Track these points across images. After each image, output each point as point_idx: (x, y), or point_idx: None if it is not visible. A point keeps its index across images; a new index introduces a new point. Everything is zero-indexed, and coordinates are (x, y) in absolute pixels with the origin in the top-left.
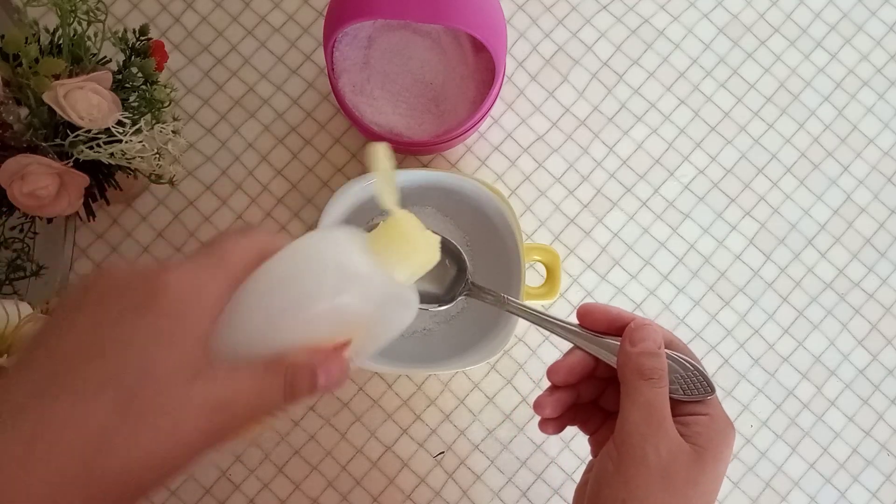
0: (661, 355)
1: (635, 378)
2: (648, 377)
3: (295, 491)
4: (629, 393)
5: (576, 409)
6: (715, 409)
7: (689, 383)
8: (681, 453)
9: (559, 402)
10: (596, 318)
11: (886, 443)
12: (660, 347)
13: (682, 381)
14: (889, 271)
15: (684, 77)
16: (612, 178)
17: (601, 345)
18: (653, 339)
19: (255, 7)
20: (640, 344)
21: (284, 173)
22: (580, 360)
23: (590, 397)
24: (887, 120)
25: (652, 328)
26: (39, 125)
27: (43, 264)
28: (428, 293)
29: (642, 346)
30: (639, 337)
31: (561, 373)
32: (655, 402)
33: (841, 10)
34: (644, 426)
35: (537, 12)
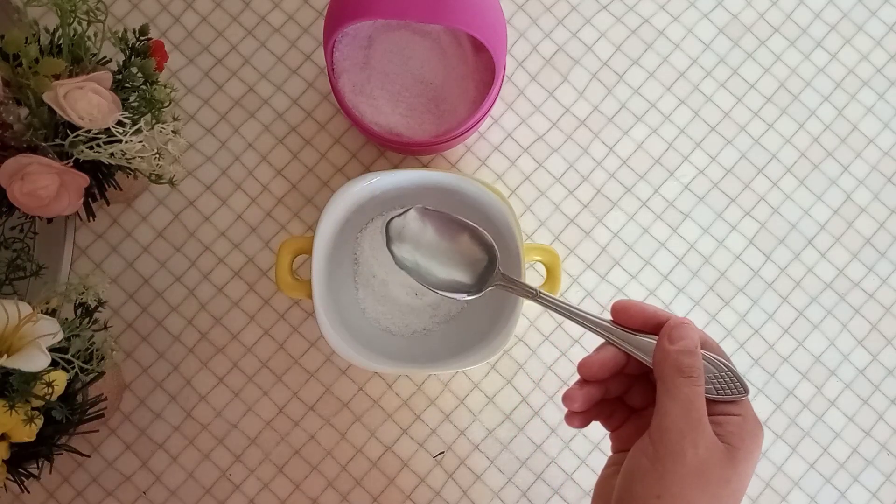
0: (699, 354)
1: (675, 375)
2: (688, 375)
3: (295, 491)
4: (668, 389)
5: (601, 404)
6: (746, 410)
7: (723, 383)
8: (716, 451)
9: (588, 397)
10: (632, 315)
11: (886, 443)
12: (697, 346)
13: (716, 380)
14: (889, 271)
15: (684, 77)
16: (612, 178)
17: (634, 342)
18: (691, 337)
19: (255, 7)
20: (679, 342)
21: (284, 173)
22: (612, 356)
23: (617, 393)
24: (887, 120)
25: (690, 327)
26: (39, 125)
27: (43, 264)
28: (458, 282)
29: (681, 343)
30: (678, 335)
31: (594, 368)
32: (694, 399)
33: (841, 10)
34: (683, 423)
35: (537, 12)
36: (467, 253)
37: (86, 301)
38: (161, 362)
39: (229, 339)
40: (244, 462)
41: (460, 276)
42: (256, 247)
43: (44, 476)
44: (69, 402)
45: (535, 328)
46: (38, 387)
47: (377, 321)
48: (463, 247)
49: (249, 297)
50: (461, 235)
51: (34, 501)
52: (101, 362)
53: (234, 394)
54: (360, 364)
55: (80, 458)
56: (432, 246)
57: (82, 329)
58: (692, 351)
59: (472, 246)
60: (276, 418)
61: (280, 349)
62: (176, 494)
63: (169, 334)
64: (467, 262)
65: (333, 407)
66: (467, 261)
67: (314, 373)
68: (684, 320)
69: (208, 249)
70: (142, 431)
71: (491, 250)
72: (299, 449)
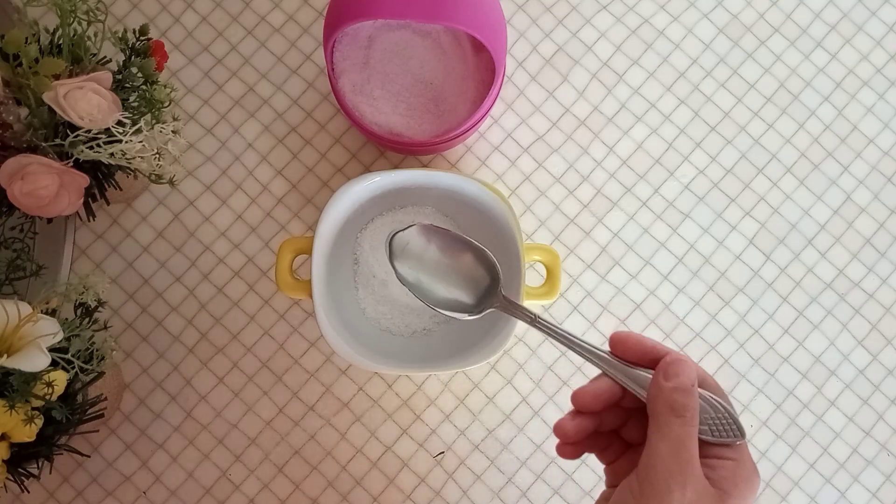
0: (694, 393)
1: (667, 413)
2: (680, 414)
3: (295, 491)
4: (659, 427)
5: (596, 436)
6: (742, 455)
7: (719, 425)
8: (706, 496)
9: (581, 428)
10: (629, 348)
11: (886, 443)
12: (693, 385)
13: (712, 422)
14: (889, 271)
15: (684, 77)
16: (612, 178)
17: (631, 376)
18: (687, 375)
19: (255, 7)
20: (674, 379)
21: (284, 173)
22: (607, 387)
23: (612, 426)
24: (887, 120)
25: (687, 364)
26: (39, 125)
27: (43, 264)
28: (458, 302)
29: (676, 381)
30: (673, 372)
31: (587, 398)
32: (685, 439)
33: (841, 10)
34: (672, 463)
35: (537, 12)
36: (470, 272)
37: (86, 301)
38: (161, 362)
39: (229, 339)
40: (244, 462)
41: (461, 295)
42: (256, 247)
43: (44, 476)
44: (69, 402)
45: (535, 328)
46: (38, 387)
47: (377, 321)
48: (465, 266)
49: (249, 297)
50: (464, 254)
51: (34, 501)
52: (101, 362)
53: (234, 394)
54: (360, 364)
55: (80, 458)
56: (435, 263)
57: (82, 329)
58: (687, 389)
59: (475, 265)
60: (276, 418)
61: (280, 349)
62: (176, 494)
63: (169, 334)
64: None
65: (333, 407)
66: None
67: (314, 373)
68: (682, 357)
69: (208, 249)
70: (142, 431)
71: (493, 270)
72: (299, 449)
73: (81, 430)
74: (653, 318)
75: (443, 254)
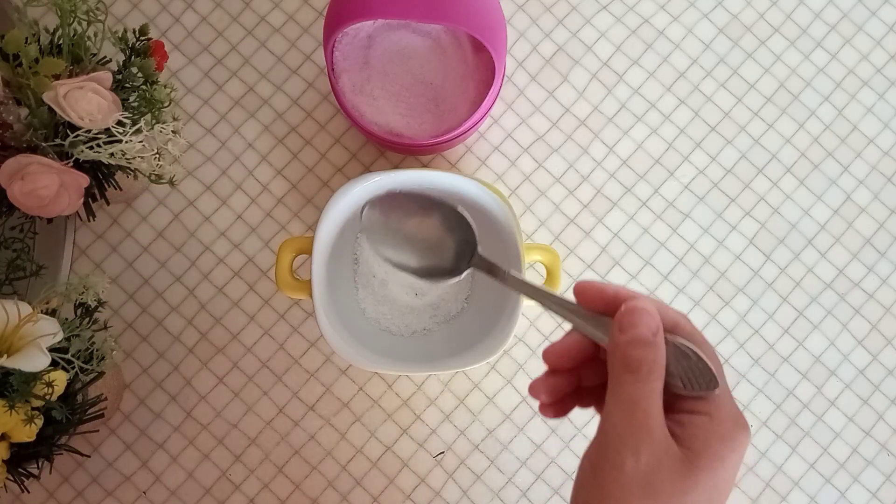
0: (655, 344)
1: (620, 370)
2: (634, 370)
3: (295, 491)
4: (613, 387)
5: (581, 392)
6: (718, 409)
7: (691, 375)
8: (666, 459)
9: (555, 388)
10: (590, 297)
11: (886, 443)
12: (655, 334)
13: (684, 372)
14: (889, 271)
15: (684, 77)
16: (612, 178)
17: (598, 326)
18: (645, 324)
19: (255, 7)
20: (629, 331)
21: (284, 173)
22: (575, 342)
23: (595, 381)
24: (887, 120)
25: (645, 312)
26: (39, 125)
27: (43, 264)
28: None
29: (632, 332)
30: (628, 322)
31: (554, 357)
32: (639, 399)
33: (841, 10)
34: (623, 426)
35: (537, 12)
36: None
37: (86, 301)
38: (161, 362)
39: (229, 339)
40: (244, 462)
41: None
42: (256, 247)
43: (44, 476)
44: (69, 402)
45: (535, 328)
46: (38, 387)
47: (377, 321)
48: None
49: (249, 297)
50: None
51: (34, 501)
52: (101, 362)
53: (234, 394)
54: (360, 364)
55: (80, 458)
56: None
57: (82, 329)
58: (643, 341)
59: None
60: (276, 418)
61: (280, 349)
62: (176, 494)
63: (169, 334)
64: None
65: (333, 407)
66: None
67: (314, 373)
68: (638, 304)
69: (208, 249)
70: (142, 431)
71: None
72: (299, 449)
73: (81, 430)
74: None
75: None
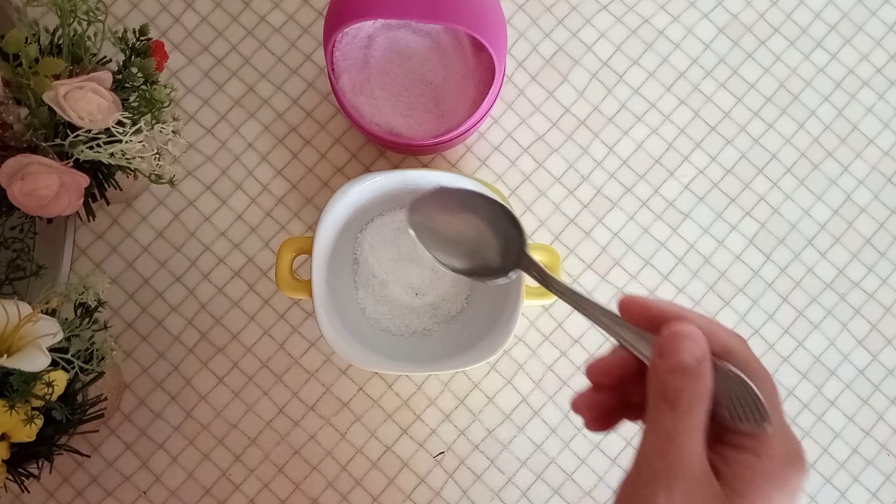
0: (699, 374)
1: (657, 399)
2: (672, 401)
3: (295, 491)
4: (650, 416)
5: (630, 405)
6: (769, 446)
7: (739, 407)
8: (703, 498)
9: (599, 405)
10: (635, 313)
11: (886, 443)
12: (700, 362)
13: (731, 402)
14: (889, 271)
15: (684, 77)
16: (612, 178)
17: (643, 343)
18: (688, 350)
19: (255, 7)
20: (670, 357)
21: (284, 173)
22: (622, 358)
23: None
24: (887, 120)
25: (689, 337)
26: (39, 125)
27: (43, 264)
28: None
29: (673, 359)
30: (669, 348)
31: (597, 372)
32: (676, 434)
33: (841, 10)
34: (658, 461)
35: (537, 12)
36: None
37: (86, 301)
38: (161, 362)
39: (229, 339)
40: (244, 462)
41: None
42: (256, 247)
43: (44, 476)
44: (69, 402)
45: (534, 328)
46: (38, 387)
47: (377, 321)
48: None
49: (249, 297)
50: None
51: (34, 501)
52: (101, 362)
53: (234, 394)
54: (360, 364)
55: (80, 458)
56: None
57: (82, 329)
58: (685, 370)
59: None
60: (276, 418)
61: (280, 349)
62: (176, 494)
63: (169, 334)
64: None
65: (333, 407)
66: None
67: (314, 373)
68: (681, 328)
69: (208, 249)
70: (142, 431)
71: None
72: (299, 449)
73: (81, 430)
74: None
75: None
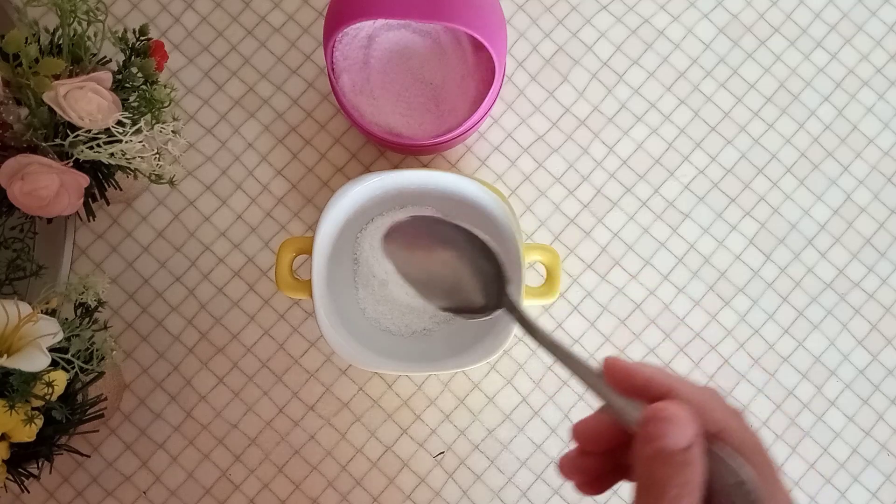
0: (687, 462)
1: (642, 489)
2: (658, 494)
3: (295, 491)
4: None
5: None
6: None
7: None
8: None
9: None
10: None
11: (886, 443)
12: (688, 449)
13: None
14: (889, 271)
15: (684, 77)
16: (612, 178)
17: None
18: (675, 436)
19: (255, 7)
20: (654, 443)
21: (284, 173)
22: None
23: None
24: (887, 120)
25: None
26: (39, 125)
27: (43, 264)
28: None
29: (656, 445)
30: (654, 433)
31: (583, 437)
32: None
33: (841, 10)
34: None
35: (537, 12)
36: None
37: (86, 301)
38: (161, 362)
39: (229, 339)
40: (244, 462)
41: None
42: (256, 247)
43: (44, 476)
44: (69, 402)
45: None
46: (38, 387)
47: (377, 321)
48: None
49: (249, 297)
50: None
51: (34, 501)
52: (101, 362)
53: (234, 394)
54: (360, 364)
55: (80, 458)
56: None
57: (82, 329)
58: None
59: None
60: (276, 418)
61: (280, 349)
62: (176, 494)
63: (169, 334)
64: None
65: (333, 407)
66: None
67: (314, 373)
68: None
69: (208, 249)
70: (142, 431)
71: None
72: (299, 449)
73: (81, 430)
74: (653, 318)
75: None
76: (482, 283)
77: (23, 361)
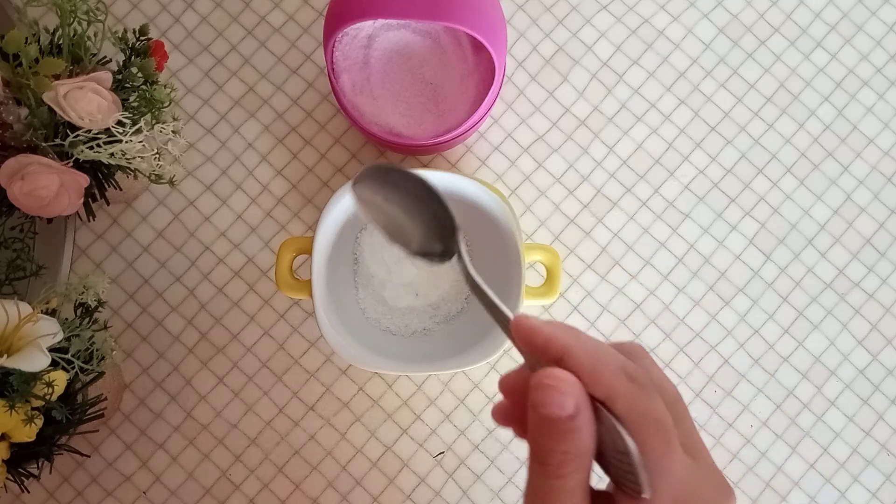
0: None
1: (530, 456)
2: (542, 461)
3: (295, 491)
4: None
5: None
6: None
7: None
8: None
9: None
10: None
11: (886, 443)
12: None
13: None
14: (889, 271)
15: (684, 77)
16: (612, 178)
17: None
18: (557, 403)
19: (255, 7)
20: (538, 410)
21: (284, 173)
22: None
23: None
24: (887, 120)
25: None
26: (39, 125)
27: (43, 264)
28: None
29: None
30: (537, 400)
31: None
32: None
33: (841, 10)
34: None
35: (537, 12)
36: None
37: (86, 301)
38: (161, 362)
39: (229, 339)
40: (244, 462)
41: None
42: (256, 247)
43: (44, 476)
44: (69, 402)
45: None
46: (38, 387)
47: (377, 321)
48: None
49: (249, 297)
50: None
51: (34, 501)
52: (101, 362)
53: (234, 394)
54: (360, 364)
55: (80, 458)
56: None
57: (82, 329)
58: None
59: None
60: (276, 418)
61: (280, 349)
62: (176, 494)
63: (169, 334)
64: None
65: (333, 407)
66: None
67: (314, 373)
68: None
69: (208, 249)
70: (142, 431)
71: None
72: (299, 449)
73: (81, 430)
74: (653, 318)
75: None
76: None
77: (23, 361)
